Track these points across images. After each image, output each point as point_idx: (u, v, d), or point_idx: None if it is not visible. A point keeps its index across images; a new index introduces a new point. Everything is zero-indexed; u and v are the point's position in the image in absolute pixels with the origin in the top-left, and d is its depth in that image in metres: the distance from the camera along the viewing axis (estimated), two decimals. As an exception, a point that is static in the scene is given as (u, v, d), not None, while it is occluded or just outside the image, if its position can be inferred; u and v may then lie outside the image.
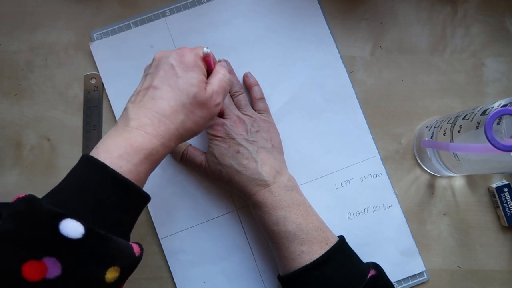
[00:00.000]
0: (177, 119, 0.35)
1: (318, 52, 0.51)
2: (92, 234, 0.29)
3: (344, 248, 0.43)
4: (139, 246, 0.33)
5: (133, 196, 0.32)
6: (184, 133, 0.36)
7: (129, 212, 0.33)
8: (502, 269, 0.50)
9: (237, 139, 0.45)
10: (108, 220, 0.31)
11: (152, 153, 0.33)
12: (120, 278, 0.31)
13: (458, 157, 0.42)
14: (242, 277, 0.49)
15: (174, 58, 0.36)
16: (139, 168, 0.32)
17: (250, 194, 0.44)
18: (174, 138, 0.35)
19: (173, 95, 0.35)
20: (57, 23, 0.51)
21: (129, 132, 0.33)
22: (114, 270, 0.30)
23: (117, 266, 0.30)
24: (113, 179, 0.31)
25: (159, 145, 0.34)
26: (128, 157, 0.32)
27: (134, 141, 0.32)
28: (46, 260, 0.27)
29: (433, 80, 0.52)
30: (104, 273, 0.29)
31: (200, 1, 0.51)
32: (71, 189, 0.31)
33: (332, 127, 0.51)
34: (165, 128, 0.34)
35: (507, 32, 0.53)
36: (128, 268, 0.31)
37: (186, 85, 0.35)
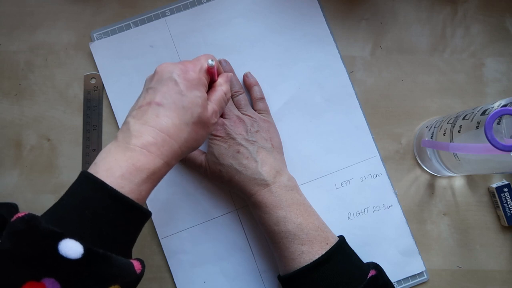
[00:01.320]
0: (180, 138, 0.34)
1: (318, 52, 0.51)
2: (91, 254, 0.29)
3: (344, 248, 0.43)
4: (140, 263, 0.33)
5: (134, 214, 0.32)
6: (186, 151, 0.36)
7: (130, 230, 0.33)
8: (502, 269, 0.50)
9: (237, 139, 0.45)
10: (108, 238, 0.31)
11: (155, 172, 0.33)
12: None
13: (458, 157, 0.42)
14: (242, 277, 0.49)
15: (178, 74, 0.35)
16: (141, 187, 0.32)
17: (250, 194, 0.44)
18: (177, 157, 0.35)
19: (177, 114, 0.34)
20: (57, 23, 0.51)
21: (132, 151, 0.32)
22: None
23: (117, 285, 0.30)
24: (114, 198, 0.30)
25: (162, 164, 0.33)
26: (131, 177, 0.31)
27: (137, 160, 0.32)
28: (45, 281, 0.27)
29: (433, 80, 0.52)
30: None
31: (200, 1, 0.51)
32: (70, 207, 0.31)
33: (332, 127, 0.51)
34: (168, 148, 0.34)
35: (507, 32, 0.53)
36: (129, 286, 0.31)
37: (190, 104, 0.35)
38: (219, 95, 0.39)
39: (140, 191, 0.32)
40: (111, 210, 0.30)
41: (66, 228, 0.29)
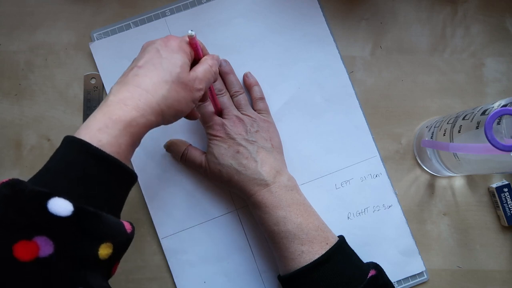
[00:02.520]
0: (158, 93, 0.34)
1: (318, 52, 0.51)
2: (81, 211, 0.28)
3: (344, 248, 0.43)
4: (130, 224, 0.33)
5: (117, 171, 0.32)
6: (166, 110, 0.35)
7: (115, 189, 0.32)
8: (502, 269, 0.50)
9: (237, 139, 0.45)
10: (95, 198, 0.30)
11: (132, 124, 0.32)
12: (113, 255, 0.30)
13: (458, 157, 0.42)
14: (242, 277, 0.49)
15: (159, 43, 0.37)
16: (119, 140, 0.32)
17: (250, 194, 0.44)
18: (155, 113, 0.34)
19: (156, 73, 0.35)
20: (57, 23, 0.51)
21: (109, 106, 0.33)
22: (106, 247, 0.30)
23: (109, 242, 0.30)
24: (96, 157, 0.30)
25: (138, 116, 0.33)
26: (107, 129, 0.31)
27: (113, 113, 0.32)
28: (37, 239, 0.27)
29: (433, 80, 0.52)
30: (97, 250, 0.29)
31: (200, 1, 0.51)
32: (55, 170, 0.30)
33: (332, 127, 0.51)
34: (145, 101, 0.34)
35: (507, 32, 0.53)
36: (121, 245, 0.31)
37: (169, 65, 0.36)
38: (204, 66, 0.39)
39: (119, 144, 0.32)
40: (95, 169, 0.30)
41: (53, 189, 0.29)
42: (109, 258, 0.30)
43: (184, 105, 0.37)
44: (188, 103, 0.37)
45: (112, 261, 0.31)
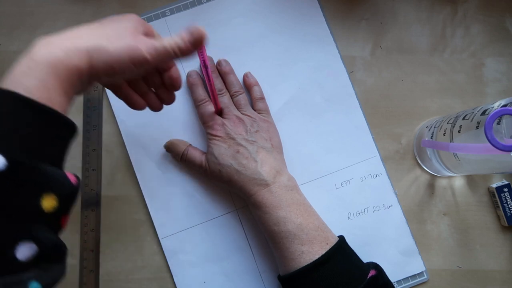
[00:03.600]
0: (89, 38, 0.32)
1: (318, 52, 0.51)
2: (16, 163, 0.26)
3: (344, 248, 0.43)
4: (75, 176, 0.31)
5: (50, 119, 0.29)
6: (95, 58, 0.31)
7: (51, 139, 0.29)
8: (502, 269, 0.50)
9: (237, 139, 0.45)
10: (31, 149, 0.28)
11: (57, 66, 0.29)
12: (60, 208, 0.29)
13: (458, 157, 0.42)
14: (242, 277, 0.49)
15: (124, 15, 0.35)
16: (47, 84, 0.29)
17: (250, 194, 0.44)
18: (83, 57, 0.31)
19: (96, 25, 0.33)
20: (57, 23, 0.51)
21: (33, 47, 0.30)
22: (50, 198, 0.28)
23: (52, 193, 0.28)
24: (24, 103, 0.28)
25: (63, 57, 0.30)
26: (32, 72, 0.29)
27: (36, 53, 0.29)
28: None
29: (433, 80, 0.52)
30: (39, 201, 0.27)
31: (200, 1, 0.51)
32: None
33: (332, 127, 0.51)
34: (73, 42, 0.31)
35: (507, 32, 0.53)
36: (66, 197, 0.29)
37: (116, 23, 0.34)
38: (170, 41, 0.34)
39: (48, 88, 0.29)
40: (25, 118, 0.28)
41: None
42: (55, 211, 0.28)
43: (118, 62, 0.32)
44: (126, 63, 0.32)
45: (59, 214, 0.29)
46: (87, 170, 0.50)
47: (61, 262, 0.30)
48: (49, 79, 0.29)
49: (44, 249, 0.28)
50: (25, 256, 0.27)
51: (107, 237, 0.49)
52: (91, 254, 0.48)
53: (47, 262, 0.28)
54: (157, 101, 0.41)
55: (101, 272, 0.49)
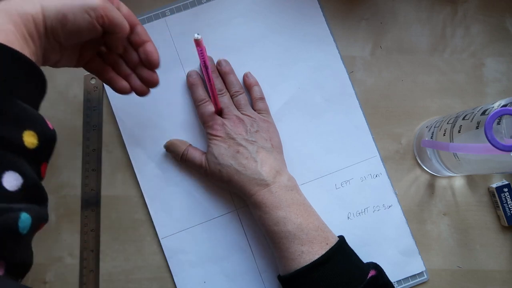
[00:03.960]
0: None
1: (318, 52, 0.51)
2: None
3: (344, 248, 0.43)
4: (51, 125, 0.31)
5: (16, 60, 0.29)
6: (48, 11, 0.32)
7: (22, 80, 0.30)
8: (502, 269, 0.50)
9: (237, 139, 0.45)
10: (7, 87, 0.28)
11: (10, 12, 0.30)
12: (40, 149, 0.29)
13: (458, 157, 0.42)
14: (242, 277, 0.49)
15: None
16: (4, 28, 0.29)
17: (250, 194, 0.44)
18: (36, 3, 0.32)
19: None
20: (57, 23, 0.51)
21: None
22: (31, 135, 0.29)
23: (32, 131, 0.29)
24: None
25: (16, 4, 0.31)
26: None
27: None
28: None
29: (433, 80, 0.52)
30: (21, 135, 0.28)
31: (200, 1, 0.51)
32: None
33: (332, 127, 0.51)
34: None
35: (507, 32, 0.53)
36: (46, 139, 0.30)
37: None
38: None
39: (6, 31, 0.29)
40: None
41: None
42: (35, 149, 0.29)
43: (71, 8, 0.33)
44: (77, 8, 0.33)
45: (40, 155, 0.30)
46: (87, 170, 0.50)
47: (43, 205, 0.30)
48: (5, 23, 0.30)
49: (28, 183, 0.28)
50: (12, 186, 0.27)
51: (107, 237, 0.49)
52: (91, 254, 0.48)
53: (31, 202, 0.29)
54: (141, 84, 0.42)
55: (101, 272, 0.49)
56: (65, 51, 0.37)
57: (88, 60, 0.40)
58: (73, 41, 0.35)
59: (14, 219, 0.26)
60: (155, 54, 0.40)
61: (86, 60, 0.40)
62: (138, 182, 0.49)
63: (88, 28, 0.34)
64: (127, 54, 0.41)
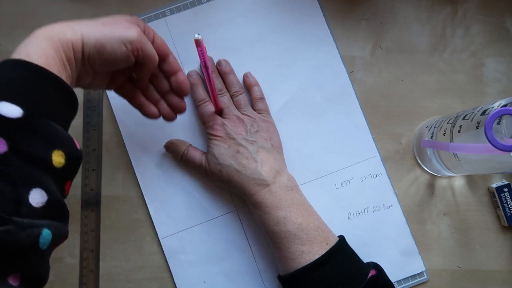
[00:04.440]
0: (84, 23, 0.35)
1: (318, 52, 0.51)
2: (31, 115, 0.29)
3: (344, 248, 0.43)
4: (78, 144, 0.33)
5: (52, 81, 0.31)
6: (85, 34, 0.34)
7: (56, 101, 0.32)
8: (502, 269, 0.50)
9: (237, 139, 0.45)
10: (41, 107, 0.30)
11: (52, 38, 0.32)
12: (66, 168, 0.31)
13: (458, 157, 0.42)
14: (242, 277, 0.49)
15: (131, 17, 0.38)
16: (45, 52, 0.31)
17: (250, 194, 0.44)
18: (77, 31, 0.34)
19: (96, 21, 0.36)
20: (57, 23, 0.51)
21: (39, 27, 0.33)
22: (59, 155, 0.30)
23: (61, 150, 0.30)
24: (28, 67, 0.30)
25: (58, 31, 0.33)
26: (31, 42, 0.32)
27: (34, 32, 0.32)
28: None
29: (433, 80, 0.52)
30: (50, 154, 0.29)
31: (200, 1, 0.51)
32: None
33: (332, 127, 0.51)
34: (70, 23, 0.34)
35: (507, 32, 0.53)
36: (73, 158, 0.31)
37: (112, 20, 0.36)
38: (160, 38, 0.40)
39: (47, 56, 0.31)
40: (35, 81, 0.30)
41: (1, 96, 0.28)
42: (62, 168, 0.30)
43: (110, 40, 0.35)
44: (115, 39, 0.35)
45: (65, 174, 0.31)
46: (87, 170, 0.50)
47: (64, 222, 0.32)
48: (47, 48, 0.32)
49: (52, 200, 0.29)
50: (37, 202, 0.28)
51: (107, 237, 0.49)
52: (91, 254, 0.48)
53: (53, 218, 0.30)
54: (169, 110, 0.44)
55: (101, 272, 0.49)
56: (98, 75, 0.39)
57: (119, 84, 0.42)
58: (107, 68, 0.37)
59: (36, 235, 0.28)
60: (186, 84, 0.42)
61: (117, 84, 0.42)
62: (138, 182, 0.49)
63: (123, 59, 0.36)
64: (157, 81, 0.43)
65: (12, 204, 0.27)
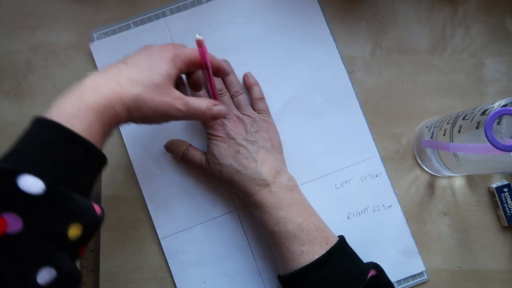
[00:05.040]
0: (130, 91, 0.34)
1: (318, 52, 0.51)
2: (52, 190, 0.28)
3: (344, 248, 0.43)
4: (100, 207, 0.33)
5: (90, 154, 0.32)
6: (134, 110, 0.35)
7: (86, 171, 0.32)
8: (502, 269, 0.50)
9: (237, 139, 0.45)
10: (67, 178, 0.30)
11: (103, 114, 0.33)
12: (82, 238, 0.30)
13: (458, 157, 0.42)
14: (242, 277, 0.49)
15: (155, 49, 0.37)
16: (92, 127, 0.32)
17: (250, 194, 0.44)
18: (124, 109, 0.34)
19: (135, 72, 0.35)
20: (57, 23, 0.51)
21: (83, 89, 0.33)
22: (76, 228, 0.30)
23: (79, 223, 0.30)
24: (66, 136, 0.30)
25: (109, 107, 0.33)
26: (81, 114, 0.31)
27: (86, 98, 0.32)
28: (5, 215, 0.27)
29: (433, 80, 0.52)
30: (66, 229, 0.29)
31: (200, 1, 0.51)
32: (25, 149, 0.30)
33: (332, 127, 0.51)
34: (117, 94, 0.34)
35: (507, 32, 0.53)
36: (90, 227, 0.31)
37: (152, 69, 0.36)
38: (200, 102, 0.38)
39: (92, 131, 0.32)
40: (67, 150, 0.30)
41: (25, 167, 0.28)
42: (78, 239, 0.30)
43: (154, 115, 0.36)
44: (160, 116, 0.36)
45: (80, 242, 0.31)
46: (87, 170, 0.50)
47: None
48: (94, 124, 0.32)
49: (62, 276, 0.29)
50: (44, 281, 0.28)
51: (107, 237, 0.49)
52: (91, 254, 0.48)
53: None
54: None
55: (101, 272, 0.49)
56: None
57: None
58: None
59: None
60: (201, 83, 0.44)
61: None
62: (138, 182, 0.49)
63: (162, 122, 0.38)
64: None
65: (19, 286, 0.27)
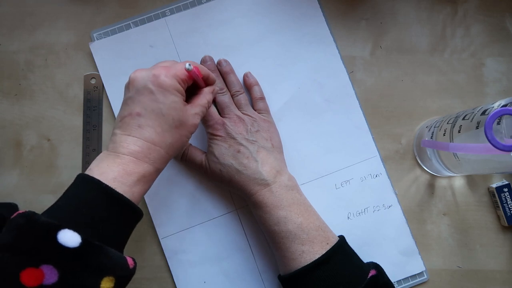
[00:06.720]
0: (165, 143, 0.37)
1: (318, 52, 0.51)
2: (88, 244, 0.31)
3: (344, 248, 0.43)
4: (133, 260, 0.35)
5: (127, 212, 0.35)
6: (172, 153, 0.38)
7: (123, 227, 0.35)
8: (502, 269, 0.50)
9: (237, 139, 0.45)
10: (103, 233, 0.32)
11: (145, 176, 0.36)
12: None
13: (458, 157, 0.42)
14: (242, 277, 0.49)
15: (151, 81, 0.36)
16: (133, 189, 0.35)
17: (250, 194, 0.44)
18: (164, 161, 0.37)
19: (158, 122, 0.36)
20: (57, 23, 0.51)
21: (121, 159, 0.35)
22: (109, 280, 0.31)
23: (112, 276, 0.32)
24: (108, 195, 0.33)
25: (151, 169, 0.36)
26: (122, 179, 0.34)
27: (126, 166, 0.35)
28: (43, 267, 0.29)
29: (433, 80, 0.52)
30: (99, 283, 0.31)
31: (200, 1, 0.51)
32: (67, 205, 0.33)
33: (332, 127, 0.51)
34: (156, 154, 0.36)
35: (507, 32, 0.53)
36: (122, 280, 0.33)
37: (169, 110, 0.37)
38: (203, 101, 0.41)
39: (133, 192, 0.35)
40: (106, 207, 0.33)
41: (65, 221, 0.31)
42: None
43: (186, 141, 0.39)
44: (188, 137, 0.39)
45: None
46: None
47: None
48: (136, 186, 0.35)
49: None
50: None
51: (107, 237, 0.49)
52: (91, 254, 0.49)
53: None
54: None
55: (101, 272, 0.49)
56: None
57: None
58: None
59: None
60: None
61: None
62: (138, 182, 0.49)
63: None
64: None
65: None
